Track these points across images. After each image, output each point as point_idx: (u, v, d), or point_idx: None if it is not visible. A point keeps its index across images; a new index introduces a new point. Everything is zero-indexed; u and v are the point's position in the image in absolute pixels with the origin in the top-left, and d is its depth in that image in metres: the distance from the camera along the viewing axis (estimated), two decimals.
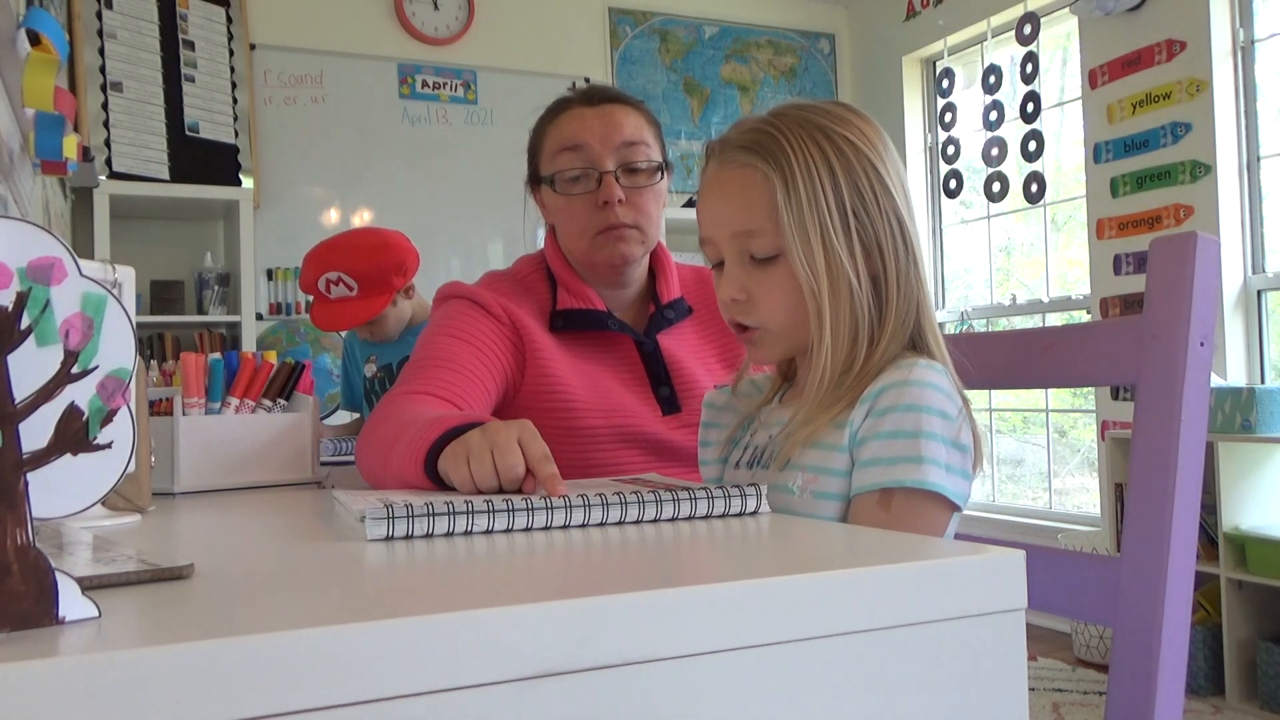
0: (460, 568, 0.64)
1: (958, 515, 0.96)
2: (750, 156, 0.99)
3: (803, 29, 4.96)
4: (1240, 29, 3.46)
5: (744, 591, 0.54)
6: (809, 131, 0.98)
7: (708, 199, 1.03)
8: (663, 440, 1.35)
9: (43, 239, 0.48)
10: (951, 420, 0.93)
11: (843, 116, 1.00)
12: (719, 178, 1.02)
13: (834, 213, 0.96)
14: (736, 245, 1.00)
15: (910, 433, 0.91)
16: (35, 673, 0.40)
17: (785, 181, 0.96)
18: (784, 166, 0.96)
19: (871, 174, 0.98)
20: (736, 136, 1.01)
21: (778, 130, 0.98)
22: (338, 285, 2.35)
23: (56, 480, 0.48)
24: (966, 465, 0.93)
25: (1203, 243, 0.93)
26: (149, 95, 3.72)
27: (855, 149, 0.98)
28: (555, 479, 0.88)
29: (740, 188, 0.99)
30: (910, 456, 0.90)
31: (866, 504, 0.92)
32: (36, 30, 1.50)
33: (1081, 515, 4.11)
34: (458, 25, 4.27)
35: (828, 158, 0.97)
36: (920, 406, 0.91)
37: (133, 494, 0.99)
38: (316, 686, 0.44)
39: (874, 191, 0.98)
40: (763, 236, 0.98)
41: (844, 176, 0.97)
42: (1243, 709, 2.96)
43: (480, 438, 0.92)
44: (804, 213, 0.96)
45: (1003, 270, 4.50)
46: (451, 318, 1.35)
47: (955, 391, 0.95)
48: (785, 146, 0.97)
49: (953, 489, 0.91)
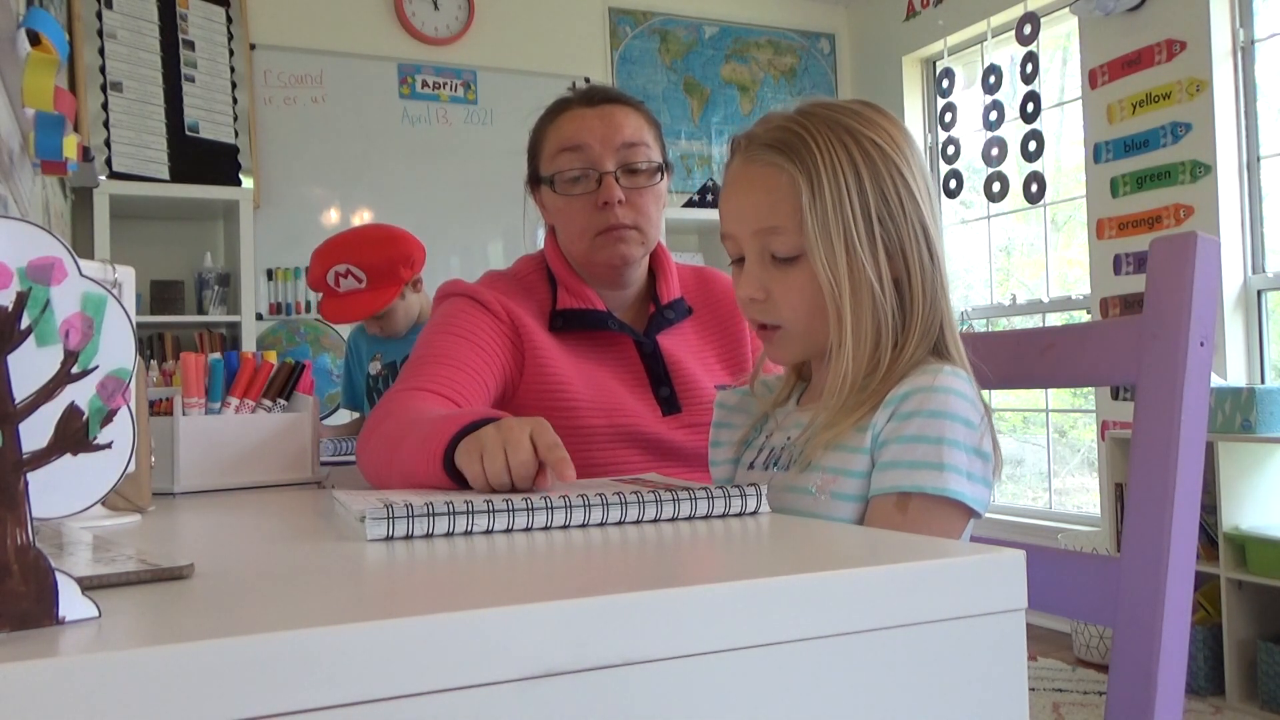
0: (460, 568, 0.64)
1: (974, 521, 0.96)
2: (776, 155, 0.97)
3: (803, 29, 4.96)
4: (1240, 29, 3.46)
5: (744, 591, 0.54)
6: (836, 133, 0.96)
7: (732, 194, 1.02)
8: (663, 440, 1.35)
9: (43, 239, 0.48)
10: (974, 428, 0.92)
11: (870, 118, 0.99)
12: (745, 173, 1.01)
13: (858, 217, 0.95)
14: (758, 242, 1.00)
15: (933, 439, 0.91)
16: (35, 673, 0.40)
17: (811, 183, 0.95)
18: (810, 168, 0.95)
19: (898, 178, 0.97)
20: (763, 133, 1.00)
21: (805, 130, 0.97)
22: (346, 278, 2.37)
23: (56, 480, 0.48)
24: (987, 473, 0.93)
25: (1203, 243, 0.93)
26: (149, 95, 3.72)
27: (882, 152, 0.97)
28: (565, 462, 0.88)
29: (765, 186, 0.98)
30: (932, 462, 0.90)
31: (884, 506, 0.92)
32: (36, 30, 1.50)
33: (1081, 515, 4.11)
34: (458, 25, 4.27)
35: (854, 160, 0.96)
36: (945, 413, 0.91)
37: (133, 494, 0.99)
38: (316, 686, 0.44)
39: (899, 196, 0.97)
40: (785, 236, 0.97)
41: (870, 180, 0.96)
42: (1243, 709, 2.96)
43: (494, 434, 0.93)
44: (828, 216, 0.95)
45: (1003, 270, 4.50)
46: (452, 315, 1.35)
47: (978, 399, 0.95)
48: (813, 147, 0.96)
49: (972, 496, 0.91)
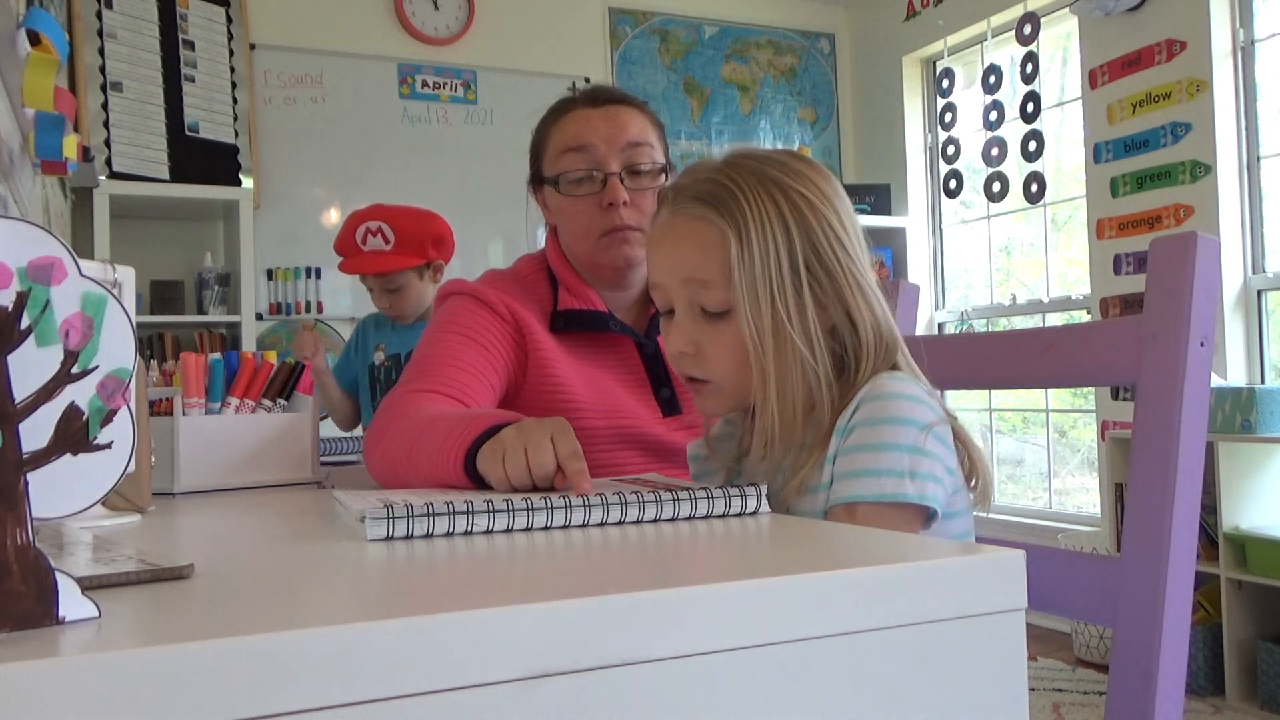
0: (460, 568, 0.64)
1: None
2: (705, 209, 0.96)
3: (803, 29, 4.96)
4: (1240, 29, 3.46)
5: (744, 591, 0.54)
6: (765, 185, 0.95)
7: (660, 246, 1.01)
8: (663, 441, 1.35)
9: (43, 239, 0.48)
10: (918, 425, 0.90)
11: (797, 169, 0.98)
12: (673, 226, 0.99)
13: (785, 270, 0.94)
14: (687, 293, 0.98)
15: (870, 445, 0.90)
16: (35, 673, 0.40)
17: (740, 237, 0.94)
18: (739, 222, 0.94)
19: (828, 230, 0.96)
20: (691, 185, 0.99)
21: (733, 183, 0.96)
22: (375, 236, 2.39)
23: (56, 480, 0.48)
24: (934, 469, 0.90)
25: (1203, 243, 0.93)
26: (149, 95, 3.72)
27: (810, 204, 0.96)
28: (582, 474, 0.89)
29: (694, 239, 0.97)
30: (869, 469, 0.89)
31: (835, 519, 0.91)
32: (36, 30, 1.50)
33: (1081, 515, 4.11)
34: (458, 25, 4.27)
35: (783, 214, 0.95)
36: (881, 419, 0.91)
37: (133, 494, 0.99)
38: (316, 686, 0.44)
39: (831, 248, 0.96)
40: (714, 290, 0.96)
41: (799, 234, 0.95)
42: (1243, 709, 2.96)
43: (515, 435, 0.93)
44: (754, 270, 0.93)
45: (1003, 270, 4.50)
46: (455, 314, 1.35)
47: (929, 400, 0.93)
48: (741, 201, 0.94)
49: (916, 494, 0.88)
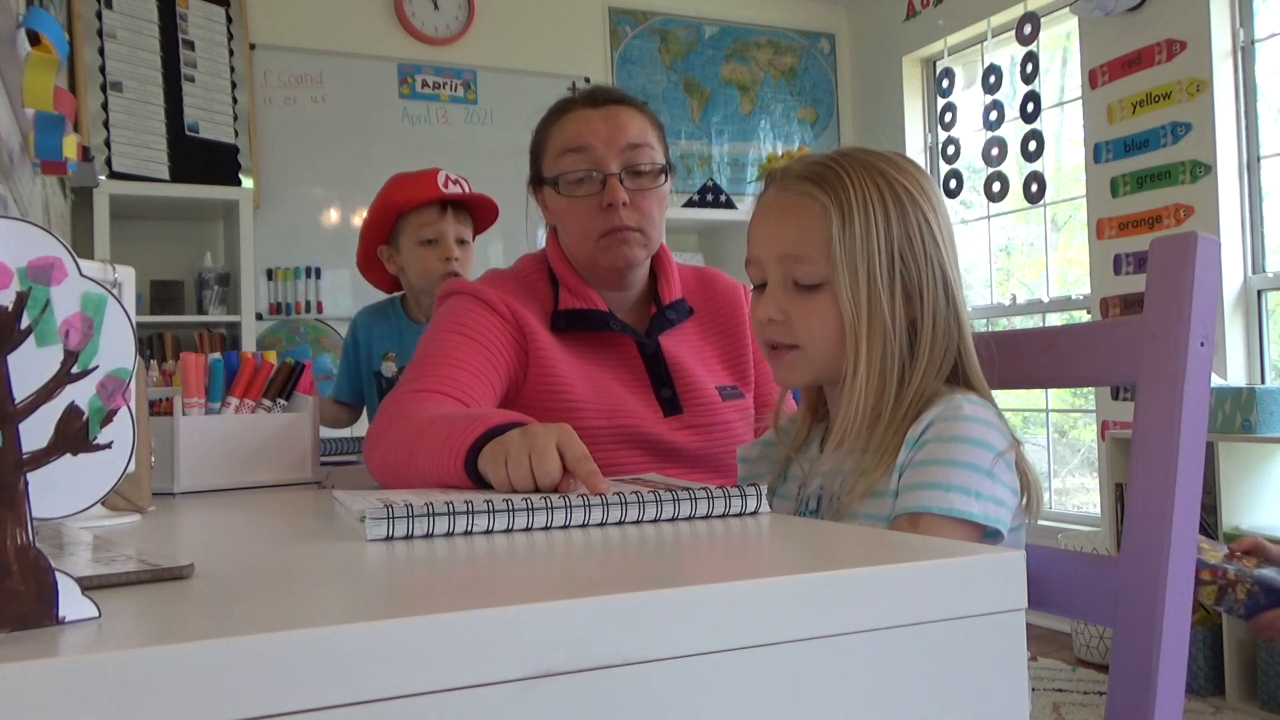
0: (460, 568, 0.64)
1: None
2: (811, 187, 1.02)
3: (803, 29, 4.95)
4: (1240, 29, 3.46)
5: (744, 591, 0.54)
6: (870, 174, 1.01)
7: (763, 220, 1.06)
8: (664, 441, 1.35)
9: (43, 239, 0.48)
10: (991, 450, 0.94)
11: (903, 165, 1.04)
12: (777, 201, 1.05)
13: (883, 254, 1.00)
14: (782, 268, 1.03)
15: (944, 461, 0.93)
16: (35, 673, 0.40)
17: (842, 215, 1.00)
18: (843, 200, 1.00)
19: (923, 222, 1.02)
20: (800, 168, 1.04)
21: (840, 167, 1.02)
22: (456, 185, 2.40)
23: (56, 480, 0.47)
24: (999, 492, 0.94)
25: (1203, 243, 0.93)
26: (149, 95, 3.71)
27: (911, 197, 1.02)
28: (595, 475, 0.89)
29: (797, 214, 1.02)
30: (939, 483, 0.92)
31: (898, 528, 0.94)
32: (36, 30, 1.50)
33: (1081, 515, 4.11)
34: (458, 25, 4.27)
35: (884, 200, 1.00)
36: (957, 437, 0.94)
37: (133, 494, 0.99)
38: (316, 686, 0.44)
39: (923, 240, 1.01)
40: (810, 264, 1.01)
41: (898, 221, 1.00)
42: (1243, 709, 2.96)
43: (520, 440, 0.93)
44: (856, 247, 0.99)
45: (1003, 270, 4.50)
46: (456, 314, 1.35)
47: (1001, 426, 0.98)
48: (847, 182, 1.00)
49: (982, 514, 0.92)
